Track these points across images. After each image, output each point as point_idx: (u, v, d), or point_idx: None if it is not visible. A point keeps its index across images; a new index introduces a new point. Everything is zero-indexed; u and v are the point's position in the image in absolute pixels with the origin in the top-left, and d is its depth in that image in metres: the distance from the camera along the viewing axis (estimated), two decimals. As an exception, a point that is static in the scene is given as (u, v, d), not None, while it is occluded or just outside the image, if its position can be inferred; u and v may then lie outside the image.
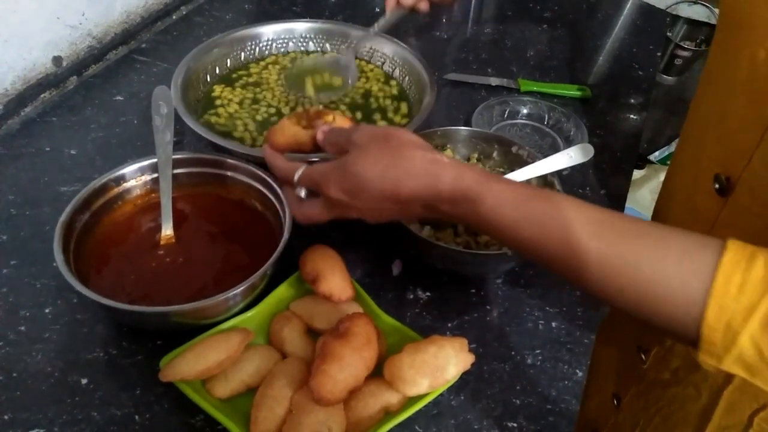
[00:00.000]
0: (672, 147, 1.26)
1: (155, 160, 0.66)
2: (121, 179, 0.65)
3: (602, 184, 0.82)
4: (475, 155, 0.76)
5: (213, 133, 0.69)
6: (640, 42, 1.14)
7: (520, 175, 0.69)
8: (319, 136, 0.57)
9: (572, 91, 0.97)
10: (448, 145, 0.76)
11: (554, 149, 0.86)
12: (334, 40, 0.89)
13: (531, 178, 0.70)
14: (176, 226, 0.64)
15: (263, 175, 0.66)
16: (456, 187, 0.47)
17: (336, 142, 0.55)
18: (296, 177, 0.54)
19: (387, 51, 0.87)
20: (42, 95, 0.87)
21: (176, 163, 0.67)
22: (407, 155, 0.48)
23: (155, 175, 0.66)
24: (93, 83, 0.91)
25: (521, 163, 0.73)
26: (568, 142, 0.87)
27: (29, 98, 0.85)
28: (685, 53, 1.03)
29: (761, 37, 0.43)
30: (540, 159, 0.71)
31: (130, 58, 0.97)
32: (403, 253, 0.69)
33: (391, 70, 0.87)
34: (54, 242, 0.56)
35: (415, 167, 0.48)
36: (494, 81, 0.98)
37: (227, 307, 0.56)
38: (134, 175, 0.66)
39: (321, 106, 0.78)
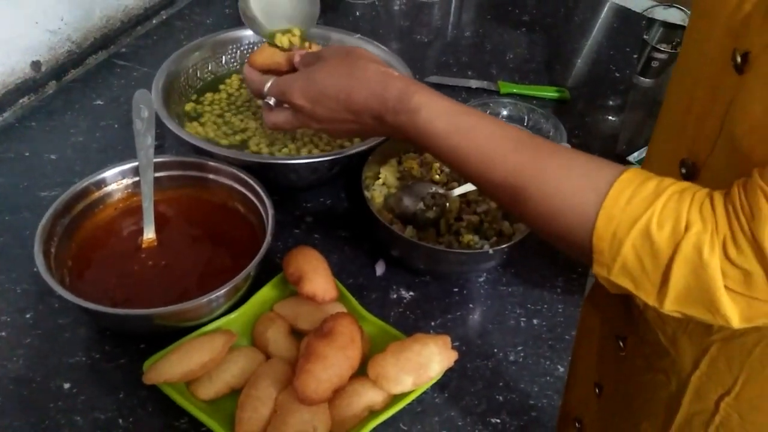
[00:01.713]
0: (650, 148, 1.28)
1: (136, 163, 0.66)
2: (102, 183, 0.65)
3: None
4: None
5: (194, 136, 0.69)
6: (618, 45, 1.16)
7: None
8: (296, 58, 0.60)
9: (551, 92, 0.99)
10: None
11: (534, 150, 0.87)
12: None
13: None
14: (158, 230, 0.64)
15: (245, 178, 0.66)
16: (400, 97, 0.50)
17: (308, 62, 0.59)
18: (267, 87, 0.58)
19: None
20: (21, 100, 0.86)
21: (157, 167, 0.67)
22: (362, 66, 0.54)
23: (136, 179, 0.66)
24: (73, 88, 0.91)
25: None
26: (548, 143, 0.88)
27: (8, 103, 0.84)
28: (662, 56, 1.05)
29: (723, 26, 0.44)
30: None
31: (110, 63, 0.97)
32: (386, 253, 0.69)
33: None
34: (34, 246, 0.55)
35: (367, 77, 0.53)
36: (474, 83, 0.99)
37: (210, 309, 0.56)
38: (115, 179, 0.65)
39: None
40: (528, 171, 0.44)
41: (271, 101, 0.59)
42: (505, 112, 0.93)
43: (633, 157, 0.93)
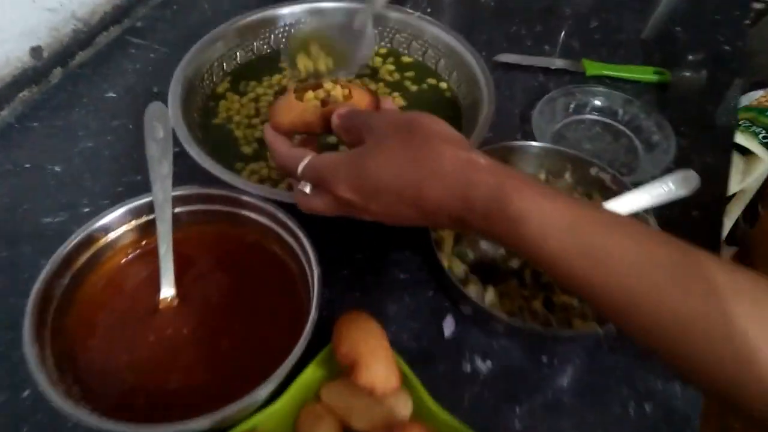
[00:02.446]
0: None
1: (150, 198, 0.53)
2: (108, 228, 0.52)
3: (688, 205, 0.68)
4: (542, 174, 0.62)
5: (218, 167, 0.55)
6: (722, 6, 0.96)
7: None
8: (334, 119, 0.47)
9: (648, 74, 0.81)
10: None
11: (631, 153, 0.71)
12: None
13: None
14: (178, 282, 0.52)
15: (282, 217, 0.53)
16: (493, 199, 0.37)
17: (352, 128, 0.45)
18: (300, 169, 0.45)
19: (428, 37, 0.71)
20: (20, 94, 0.74)
21: (177, 201, 0.54)
22: (434, 152, 0.39)
23: (151, 217, 0.54)
24: (80, 75, 0.78)
25: (602, 188, 0.59)
26: (650, 147, 0.71)
27: (4, 99, 0.72)
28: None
29: None
30: (626, 184, 0.57)
31: (124, 41, 0.83)
32: (455, 307, 0.56)
33: (434, 62, 0.71)
34: (24, 330, 0.44)
35: (443, 168, 0.39)
36: (554, 63, 0.82)
37: (245, 410, 0.45)
38: (124, 220, 0.53)
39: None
40: (699, 323, 0.31)
41: (307, 188, 0.45)
42: (595, 102, 0.76)
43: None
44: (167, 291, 0.51)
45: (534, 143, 0.61)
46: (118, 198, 0.63)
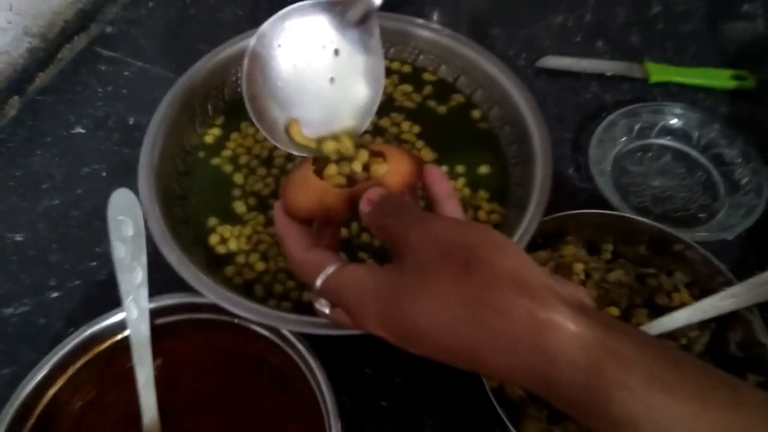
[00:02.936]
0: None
1: (122, 316, 0.42)
2: (69, 361, 0.42)
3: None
4: (609, 246, 0.50)
5: (217, 288, 0.43)
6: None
7: (690, 314, 0.44)
8: (363, 207, 0.34)
9: (725, 80, 0.67)
10: (568, 237, 0.50)
11: (710, 191, 0.59)
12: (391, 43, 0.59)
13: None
14: (162, 405, 0.42)
15: (288, 335, 0.42)
16: (585, 387, 0.25)
17: (386, 230, 0.32)
18: (319, 284, 0.34)
19: (458, 61, 0.57)
20: (-31, 139, 0.61)
21: (157, 313, 0.43)
22: (500, 305, 0.27)
23: (126, 334, 0.43)
24: (42, 104, 0.65)
25: (687, 269, 0.47)
26: (733, 186, 0.58)
27: (-51, 148, 0.60)
28: None
29: None
30: (718, 266, 0.45)
31: (91, 55, 0.69)
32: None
33: (469, 92, 0.57)
34: None
35: (511, 331, 0.27)
36: (609, 67, 0.68)
37: None
38: (90, 346, 0.42)
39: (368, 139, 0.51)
40: None
41: (326, 309, 0.35)
42: (666, 123, 0.62)
43: None
44: (149, 417, 0.41)
45: (599, 212, 0.49)
46: (90, 275, 0.53)
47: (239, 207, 0.51)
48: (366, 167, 0.38)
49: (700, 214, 0.57)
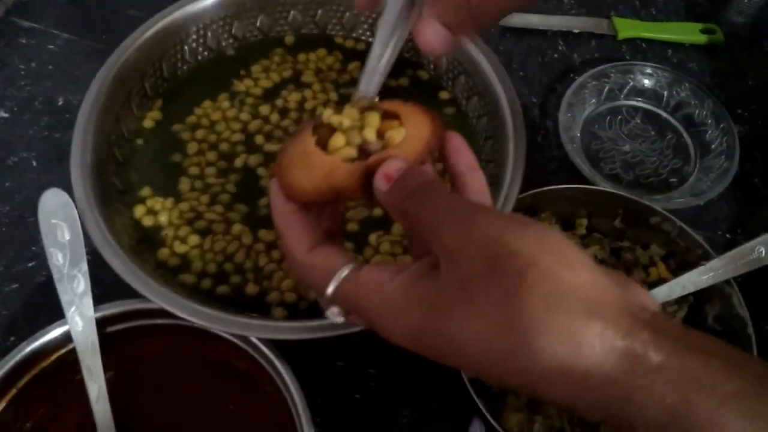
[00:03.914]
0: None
1: (65, 329, 0.38)
2: (11, 381, 0.38)
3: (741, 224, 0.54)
4: (584, 221, 0.48)
5: (170, 293, 0.39)
6: None
7: (670, 290, 0.43)
8: (381, 184, 0.28)
9: (693, 35, 0.64)
10: (542, 214, 0.47)
11: (682, 155, 0.57)
12: (333, 5, 0.53)
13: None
14: (122, 424, 0.39)
15: (255, 341, 0.39)
16: (670, 424, 0.21)
17: (412, 216, 0.27)
18: (330, 291, 0.28)
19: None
20: None
21: (106, 321, 0.39)
22: (566, 331, 0.22)
23: (72, 347, 0.39)
24: (-44, 86, 0.58)
25: (664, 241, 0.46)
26: (705, 148, 0.57)
27: None
28: None
29: None
30: (696, 240, 0.44)
31: (10, 27, 0.62)
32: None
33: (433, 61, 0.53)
34: None
35: (583, 361, 0.22)
36: (577, 24, 0.64)
37: None
38: (35, 362, 0.39)
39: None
40: None
41: (339, 318, 0.30)
42: (636, 84, 0.60)
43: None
44: (107, 444, 0.38)
45: (574, 186, 0.46)
46: (28, 278, 0.49)
47: (183, 183, 0.46)
48: (380, 134, 0.30)
49: (672, 178, 0.56)
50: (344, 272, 0.28)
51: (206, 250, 0.44)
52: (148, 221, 0.44)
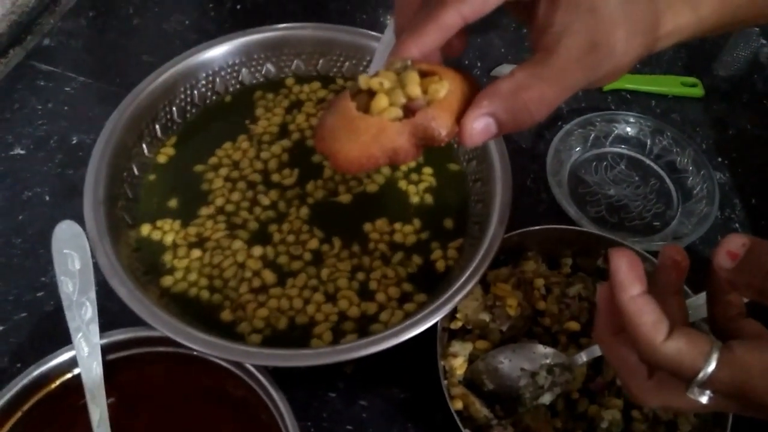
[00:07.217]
0: None
1: (71, 354, 0.40)
2: (17, 404, 0.39)
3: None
4: (569, 260, 0.50)
5: (173, 321, 0.41)
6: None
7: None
8: (724, 261, 0.28)
9: (674, 86, 0.68)
10: (529, 253, 0.50)
11: (664, 198, 0.60)
12: (333, 55, 0.57)
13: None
14: None
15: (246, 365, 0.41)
16: None
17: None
18: (705, 375, 0.27)
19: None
20: None
21: (110, 348, 0.41)
22: None
23: (77, 372, 0.41)
24: (-24, 125, 0.61)
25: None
26: (687, 193, 0.60)
27: None
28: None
29: None
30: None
31: (29, 70, 0.65)
32: None
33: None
34: None
35: None
36: (564, 75, 0.68)
37: None
38: (40, 386, 0.40)
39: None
40: None
41: (704, 398, 0.29)
42: (620, 132, 0.63)
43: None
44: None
45: (560, 227, 0.49)
46: (37, 307, 0.51)
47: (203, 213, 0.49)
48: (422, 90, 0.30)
49: (655, 222, 0.58)
50: (716, 353, 0.27)
51: (215, 277, 0.46)
52: (155, 235, 0.47)
